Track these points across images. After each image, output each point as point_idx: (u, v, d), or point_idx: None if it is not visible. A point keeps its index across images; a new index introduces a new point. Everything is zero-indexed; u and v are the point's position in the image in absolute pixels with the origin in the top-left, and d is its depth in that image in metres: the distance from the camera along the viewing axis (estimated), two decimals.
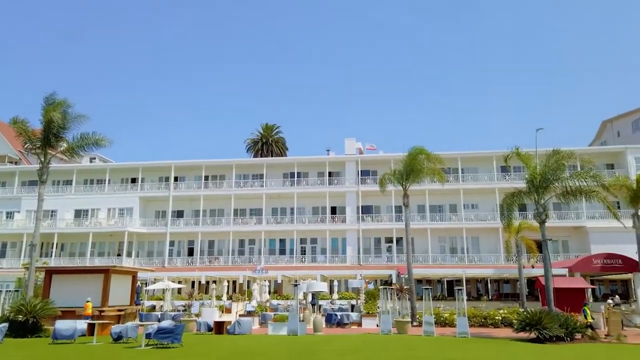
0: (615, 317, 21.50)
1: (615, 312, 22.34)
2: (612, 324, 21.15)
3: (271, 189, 43.04)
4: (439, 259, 39.05)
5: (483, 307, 29.12)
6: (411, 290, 26.44)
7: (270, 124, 59.18)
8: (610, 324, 21.20)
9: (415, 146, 28.33)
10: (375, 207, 42.46)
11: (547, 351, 15.31)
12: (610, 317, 21.43)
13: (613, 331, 20.67)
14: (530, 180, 23.51)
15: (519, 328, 19.27)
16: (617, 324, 21.19)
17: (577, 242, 38.09)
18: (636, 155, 38.47)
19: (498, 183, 39.35)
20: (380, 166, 42.20)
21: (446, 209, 41.24)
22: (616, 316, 21.66)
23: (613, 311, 22.18)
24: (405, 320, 22.58)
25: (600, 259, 29.24)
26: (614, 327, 20.90)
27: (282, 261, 40.99)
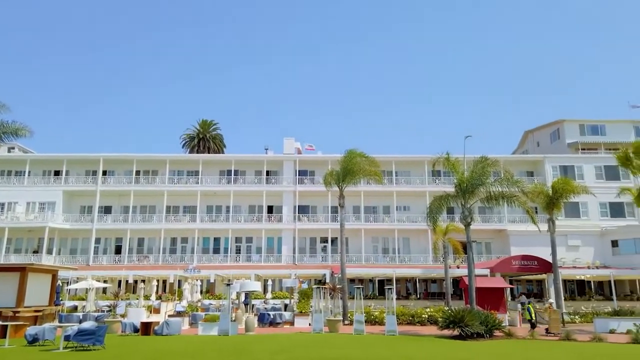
0: (555, 316, 23.10)
1: (556, 310, 24.01)
2: (553, 321, 22.68)
3: (207, 187, 42.10)
4: (371, 258, 40.06)
5: (411, 305, 30.23)
6: (343, 290, 26.90)
7: (207, 120, 57.86)
8: (551, 322, 22.73)
9: (351, 148, 28.88)
10: (311, 207, 42.78)
11: (467, 347, 16.17)
12: (551, 315, 22.97)
13: (554, 328, 22.16)
14: (458, 184, 24.79)
15: (443, 326, 20.21)
16: (557, 322, 22.75)
17: (498, 244, 40.53)
18: (553, 164, 41.58)
19: (429, 186, 41.00)
20: (318, 167, 42.60)
21: (380, 210, 42.37)
22: (556, 314, 23.27)
23: (554, 310, 23.80)
24: (336, 319, 22.93)
25: (518, 260, 31.31)
26: (555, 325, 22.42)
27: (215, 260, 40.23)
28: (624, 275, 34.96)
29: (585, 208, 39.77)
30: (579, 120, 46.51)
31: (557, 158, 42.23)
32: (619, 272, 33.55)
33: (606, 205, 39.78)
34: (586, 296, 36.06)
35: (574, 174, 40.53)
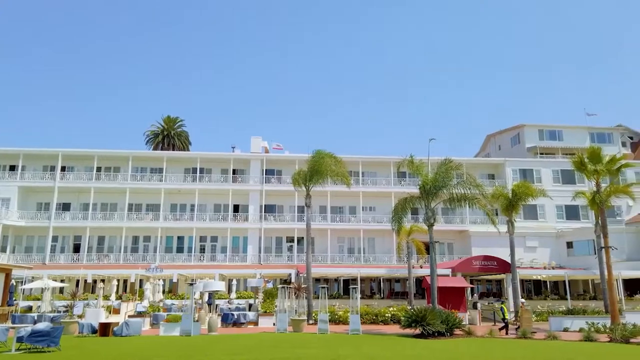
0: (527, 315, 23.81)
1: (527, 309, 24.76)
2: (524, 320, 23.37)
3: (171, 184, 41.31)
4: (337, 258, 40.30)
5: (375, 305, 30.60)
6: (309, 289, 26.97)
7: (172, 117, 56.72)
8: (523, 320, 23.42)
9: (319, 149, 28.99)
10: (278, 206, 42.65)
11: (428, 345, 16.51)
12: (523, 314, 23.66)
13: (525, 327, 22.82)
14: (422, 186, 25.26)
15: (405, 324, 20.58)
16: (529, 321, 23.43)
17: (460, 245, 41.53)
18: (513, 168, 42.95)
19: (395, 188, 41.58)
20: (286, 166, 42.53)
21: (346, 211, 42.66)
22: (528, 314, 23.99)
23: (525, 309, 24.53)
24: (301, 318, 22.98)
25: (479, 260, 32.18)
26: (527, 324, 23.08)
27: (179, 259, 39.54)
28: (578, 276, 36.44)
29: (542, 210, 41.26)
30: (538, 125, 48.22)
31: (517, 162, 43.63)
32: (573, 272, 34.95)
33: (562, 208, 41.41)
34: (542, 295, 37.40)
35: (533, 177, 41.98)
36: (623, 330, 19.80)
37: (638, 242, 38.58)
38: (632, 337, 19.24)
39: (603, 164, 26.77)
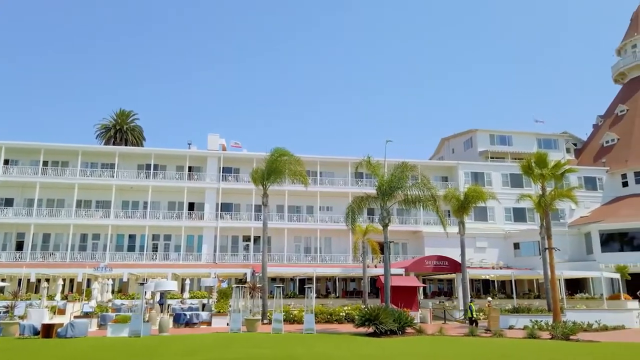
0: (495, 314, 24.48)
1: (495, 309, 25.47)
2: (492, 319, 24.02)
3: (123, 181, 39.96)
4: (293, 258, 40.24)
5: (330, 304, 30.81)
6: (264, 289, 26.81)
7: (126, 110, 54.82)
8: (490, 319, 24.06)
9: (277, 147, 28.84)
10: (235, 205, 42.13)
11: (379, 344, 16.79)
12: (490, 313, 24.30)
13: (492, 326, 23.44)
14: (379, 187, 25.66)
15: (359, 323, 20.85)
16: (496, 320, 24.07)
17: (414, 245, 42.44)
18: (465, 171, 44.33)
19: (352, 188, 41.95)
20: (244, 164, 42.05)
21: (303, 210, 42.68)
22: (495, 312, 24.67)
23: (493, 308, 25.23)
24: (255, 318, 22.83)
25: (431, 260, 33.00)
26: (494, 323, 23.72)
27: (130, 258, 38.30)
28: (524, 275, 38.08)
29: (492, 212, 42.82)
30: (489, 130, 50.00)
31: (469, 165, 45.06)
32: (519, 272, 36.47)
33: (510, 210, 43.13)
34: (490, 294, 38.78)
35: (484, 180, 43.49)
36: (563, 327, 20.86)
37: (580, 243, 40.75)
38: (572, 334, 20.31)
39: (548, 168, 28.09)
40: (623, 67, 52.97)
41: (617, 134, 48.71)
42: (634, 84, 51.71)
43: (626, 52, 53.26)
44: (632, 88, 51.61)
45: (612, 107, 53.02)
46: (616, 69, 54.09)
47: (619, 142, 47.96)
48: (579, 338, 19.90)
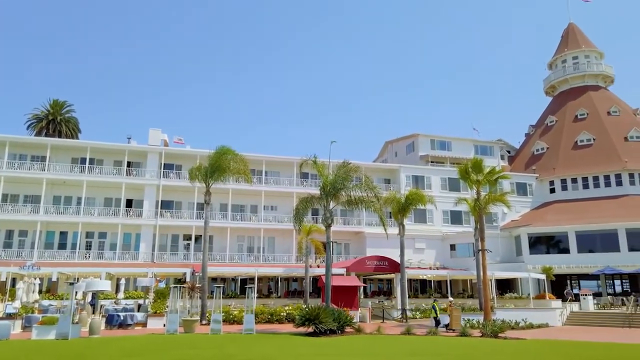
0: (457, 313, 25.10)
1: (457, 308, 26.09)
2: (454, 318, 24.60)
3: (55, 174, 37.74)
4: (235, 257, 39.69)
5: (272, 304, 30.67)
6: (203, 289, 26.25)
7: (60, 101, 51.80)
8: (453, 319, 24.62)
9: (222, 145, 28.34)
10: (176, 202, 40.96)
11: (317, 343, 16.93)
12: (452, 313, 24.89)
13: (455, 325, 24.02)
14: (323, 187, 25.87)
15: (299, 323, 20.88)
16: (458, 319, 24.69)
17: (356, 245, 43.13)
18: (407, 174, 45.61)
19: (297, 188, 41.98)
20: (186, 161, 40.95)
21: (247, 209, 42.21)
22: (457, 312, 25.29)
23: (455, 307, 25.83)
24: (193, 319, 22.30)
25: (372, 260, 33.66)
26: (456, 322, 24.31)
27: (60, 256, 36.24)
28: (458, 276, 39.73)
29: (430, 215, 44.33)
30: (430, 135, 51.78)
31: (411, 168, 46.43)
32: (454, 272, 38.01)
33: (448, 213, 44.84)
34: (427, 294, 40.19)
35: (424, 183, 44.97)
36: (493, 326, 21.96)
37: (510, 246, 43.11)
38: (500, 332, 21.40)
39: (484, 174, 29.51)
40: (554, 80, 56.63)
41: (547, 143, 51.95)
42: (562, 97, 55.38)
43: (557, 67, 56.94)
44: (561, 100, 55.25)
45: (543, 118, 56.51)
46: (547, 82, 57.74)
47: (548, 150, 51.17)
48: (507, 336, 20.99)
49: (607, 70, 55.11)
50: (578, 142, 49.62)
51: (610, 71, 55.34)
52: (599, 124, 50.11)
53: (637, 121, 50.55)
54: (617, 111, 51.25)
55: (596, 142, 48.71)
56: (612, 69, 55.72)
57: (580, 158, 48.15)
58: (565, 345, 18.06)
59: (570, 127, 51.47)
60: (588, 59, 55.07)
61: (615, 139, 48.16)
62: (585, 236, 39.79)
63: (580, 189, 46.47)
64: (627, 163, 45.01)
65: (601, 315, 30.39)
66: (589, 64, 54.76)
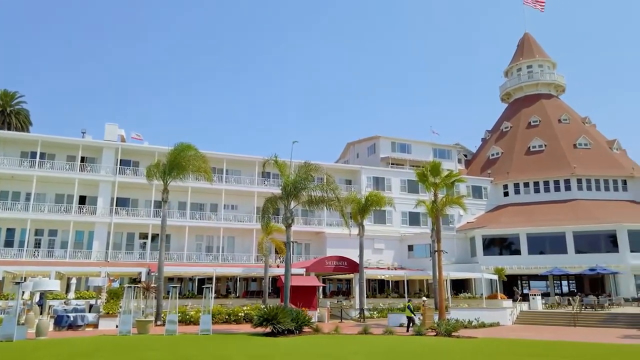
0: (430, 313, 25.33)
1: (430, 308, 26.31)
2: (427, 318, 24.83)
3: (2, 169, 35.90)
4: (193, 257, 38.98)
5: (230, 304, 30.33)
6: (159, 289, 25.66)
7: (9, 91, 49.36)
8: (426, 318, 24.85)
9: (182, 142, 27.81)
10: (132, 200, 39.81)
11: (273, 343, 16.89)
12: (425, 312, 25.11)
13: (427, 324, 24.25)
14: (284, 187, 25.84)
15: (257, 323, 20.77)
16: (431, 319, 24.94)
17: (317, 245, 43.26)
18: (368, 175, 46.16)
19: (258, 187, 41.69)
20: (144, 157, 39.89)
21: (207, 208, 41.56)
22: (430, 312, 25.51)
23: (428, 307, 26.06)
24: (147, 319, 21.74)
25: (332, 260, 33.86)
26: (428, 322, 24.55)
27: (7, 254, 34.51)
28: (415, 276, 40.55)
29: (390, 216, 45.04)
30: (391, 137, 52.61)
31: (372, 170, 47.01)
32: (411, 273, 38.75)
33: (407, 214, 45.68)
34: (385, 294, 40.81)
35: (384, 185, 45.65)
36: (447, 325, 22.55)
37: (465, 247, 44.40)
38: (454, 331, 22.02)
39: (441, 177, 30.27)
40: (509, 87, 58.76)
41: (502, 148, 53.84)
42: (517, 104, 57.54)
43: (512, 75, 59.10)
44: (515, 107, 57.40)
45: (498, 124, 58.53)
46: (503, 89, 59.85)
47: (503, 155, 53.03)
48: (460, 335, 21.61)
49: (558, 80, 57.69)
50: (531, 148, 51.67)
51: (561, 80, 57.96)
52: (551, 131, 52.37)
53: (585, 129, 53.14)
54: (567, 119, 53.71)
55: (547, 148, 50.87)
56: (564, 78, 58.39)
57: (532, 163, 50.15)
58: (513, 344, 18.79)
59: (523, 133, 53.52)
60: (541, 68, 57.47)
61: (565, 145, 50.45)
62: (536, 238, 41.49)
63: (532, 192, 48.40)
64: (576, 169, 47.26)
65: (549, 315, 31.72)
66: (542, 73, 57.15)
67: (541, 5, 58.24)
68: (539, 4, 58.17)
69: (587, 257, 38.53)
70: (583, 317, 29.44)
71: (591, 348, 17.49)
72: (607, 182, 47.20)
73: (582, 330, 25.70)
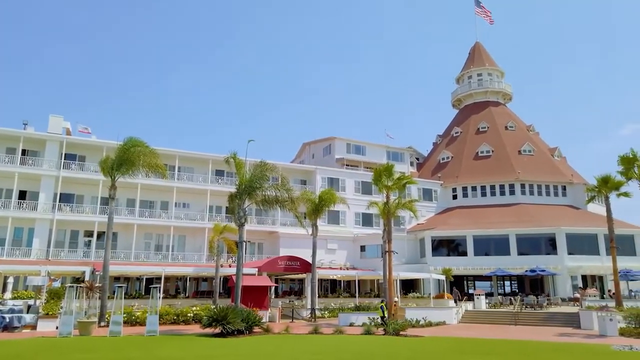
0: (401, 313, 25.35)
1: (402, 308, 26.34)
2: (399, 317, 24.88)
3: None
4: (142, 256, 37.79)
5: (179, 304, 29.67)
6: (103, 289, 24.74)
7: None
8: (398, 317, 24.92)
9: (132, 137, 26.93)
10: (77, 196, 38.13)
11: (223, 344, 16.70)
12: (397, 312, 25.12)
13: (400, 323, 24.28)
14: (239, 185, 25.58)
15: (206, 324, 20.46)
16: (402, 319, 25.01)
17: (270, 245, 43.05)
18: (323, 176, 46.41)
19: (211, 186, 40.97)
20: (91, 152, 38.30)
21: (157, 206, 40.41)
22: (402, 311, 25.54)
23: (399, 307, 26.07)
24: (90, 320, 20.98)
25: (284, 260, 33.81)
26: (401, 320, 24.61)
27: None
28: (367, 276, 41.16)
29: (343, 216, 45.49)
30: (346, 139, 53.17)
31: (326, 170, 47.29)
32: (363, 273, 39.31)
33: (360, 215, 46.31)
34: (336, 294, 41.17)
35: (339, 186, 46.03)
36: (395, 324, 23.04)
37: (415, 248, 45.51)
38: (402, 329, 22.54)
39: (394, 179, 30.89)
40: (460, 94, 60.81)
41: (452, 152, 55.60)
42: (467, 110, 59.61)
43: (463, 82, 61.18)
44: (465, 113, 59.43)
45: (449, 128, 60.41)
46: (454, 95, 61.86)
47: (453, 159, 54.79)
48: (407, 334, 22.15)
49: (506, 88, 60.26)
50: (479, 153, 53.66)
51: (509, 89, 60.59)
52: (498, 137, 54.60)
53: (529, 137, 55.77)
54: (513, 126, 56.17)
55: (494, 154, 53.00)
56: (511, 87, 61.04)
57: (480, 168, 52.10)
58: (458, 342, 19.47)
59: (472, 139, 55.51)
60: (491, 76, 59.84)
61: (510, 151, 52.74)
62: (481, 240, 43.13)
63: (479, 196, 50.28)
64: (520, 174, 49.50)
65: (492, 314, 33.04)
66: (491, 81, 59.51)
67: (490, 18, 60.79)
68: (488, 17, 60.69)
69: (528, 259, 40.44)
70: (523, 316, 30.85)
71: (529, 346, 18.41)
72: (548, 187, 49.75)
73: (522, 329, 26.93)
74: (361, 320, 26.99)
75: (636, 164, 26.05)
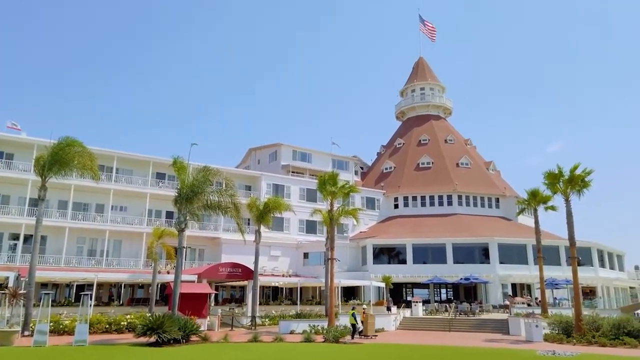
0: (371, 320, 24.97)
1: (372, 315, 25.95)
2: (369, 325, 24.43)
3: None
4: (73, 261, 35.76)
5: (112, 312, 28.36)
6: (29, 296, 23.19)
7: None
8: (368, 325, 24.44)
9: (67, 136, 25.57)
10: (3, 196, 35.65)
11: (157, 353, 16.13)
12: (368, 320, 24.69)
13: (369, 331, 24.10)
14: (180, 190, 24.91)
15: (140, 332, 19.68)
16: (372, 326, 24.73)
17: (212, 251, 42.14)
18: (268, 182, 46.17)
19: (151, 189, 39.58)
20: (21, 150, 35.94)
21: (92, 209, 38.50)
22: (372, 319, 25.15)
23: (370, 314, 25.66)
24: (12, 330, 19.57)
25: (226, 267, 33.20)
26: (370, 329, 24.35)
27: None
28: (309, 283, 41.24)
29: (287, 223, 45.42)
30: (292, 146, 53.28)
31: (272, 177, 47.10)
32: (305, 280, 39.33)
33: (304, 222, 46.42)
34: (278, 301, 40.94)
35: (284, 192, 45.95)
36: (335, 331, 23.24)
37: (357, 255, 46.21)
38: (341, 337, 22.77)
39: (337, 187, 31.27)
40: (403, 107, 62.79)
41: (394, 162, 57.15)
42: (410, 122, 61.58)
43: (407, 95, 63.22)
44: (408, 125, 61.37)
45: (392, 140, 62.12)
46: (398, 108, 63.78)
47: (395, 170, 56.31)
48: (346, 341, 22.39)
49: (446, 103, 62.88)
50: (420, 165, 55.49)
51: (449, 104, 63.26)
52: (438, 149, 56.75)
53: (467, 150, 58.40)
54: (452, 140, 58.62)
55: (434, 166, 55.02)
56: (451, 102, 63.80)
57: (420, 179, 53.87)
58: (395, 348, 19.96)
59: (414, 150, 57.36)
60: (432, 91, 62.25)
61: (449, 164, 54.96)
62: (420, 249, 44.49)
63: (419, 206, 51.94)
64: (457, 186, 51.67)
65: (429, 321, 34.10)
66: (432, 96, 61.91)
67: (432, 35, 63.46)
68: (431, 34, 63.31)
69: (463, 267, 42.16)
70: (457, 322, 32.08)
71: (459, 351, 19.19)
72: (483, 199, 52.25)
73: (455, 335, 27.99)
74: (302, 328, 26.96)
75: (561, 180, 27.88)
